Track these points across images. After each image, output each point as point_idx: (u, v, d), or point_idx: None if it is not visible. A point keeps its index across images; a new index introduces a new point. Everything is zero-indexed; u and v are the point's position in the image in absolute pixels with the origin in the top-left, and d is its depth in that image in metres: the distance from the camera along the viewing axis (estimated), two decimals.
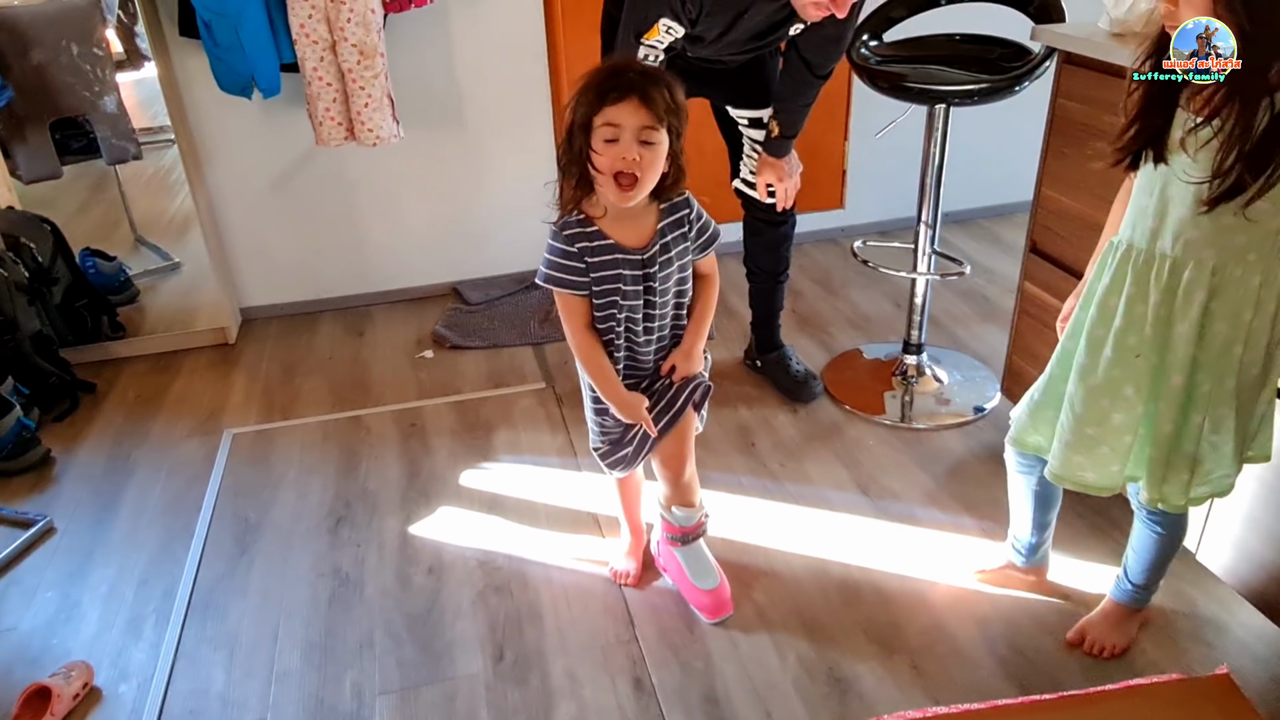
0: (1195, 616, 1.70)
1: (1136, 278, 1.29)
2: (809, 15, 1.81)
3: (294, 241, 2.99)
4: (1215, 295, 1.24)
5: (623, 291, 1.52)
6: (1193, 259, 1.23)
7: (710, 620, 1.74)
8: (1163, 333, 1.29)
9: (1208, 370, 1.28)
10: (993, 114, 2.67)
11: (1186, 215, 1.21)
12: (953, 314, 2.84)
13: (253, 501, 2.16)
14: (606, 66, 1.47)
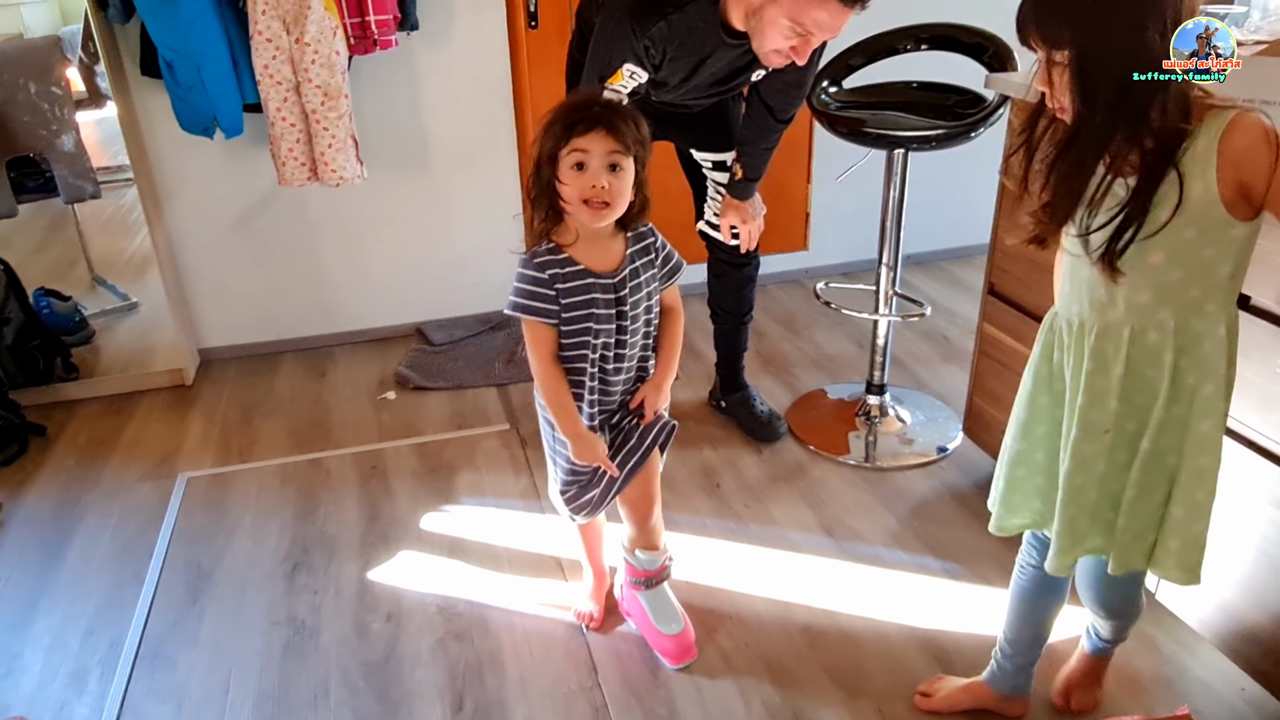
0: (1156, 655, 1.71)
1: (1094, 353, 1.22)
2: (771, 62, 1.81)
3: (255, 281, 2.96)
4: (1183, 353, 1.18)
5: (596, 317, 1.52)
6: (1151, 323, 1.18)
7: (674, 666, 1.72)
8: (1138, 403, 1.22)
9: (1188, 427, 1.20)
10: (952, 158, 2.73)
11: (1132, 280, 1.16)
12: (915, 354, 2.87)
13: (206, 547, 2.11)
14: (572, 100, 1.48)
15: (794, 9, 1.63)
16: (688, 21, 1.80)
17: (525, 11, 2.81)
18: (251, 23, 2.42)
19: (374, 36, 2.56)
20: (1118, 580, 1.34)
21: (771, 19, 1.67)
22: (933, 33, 2.33)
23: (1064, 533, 1.29)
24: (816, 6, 1.61)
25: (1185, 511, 1.23)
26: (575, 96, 1.50)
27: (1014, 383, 2.02)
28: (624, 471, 1.60)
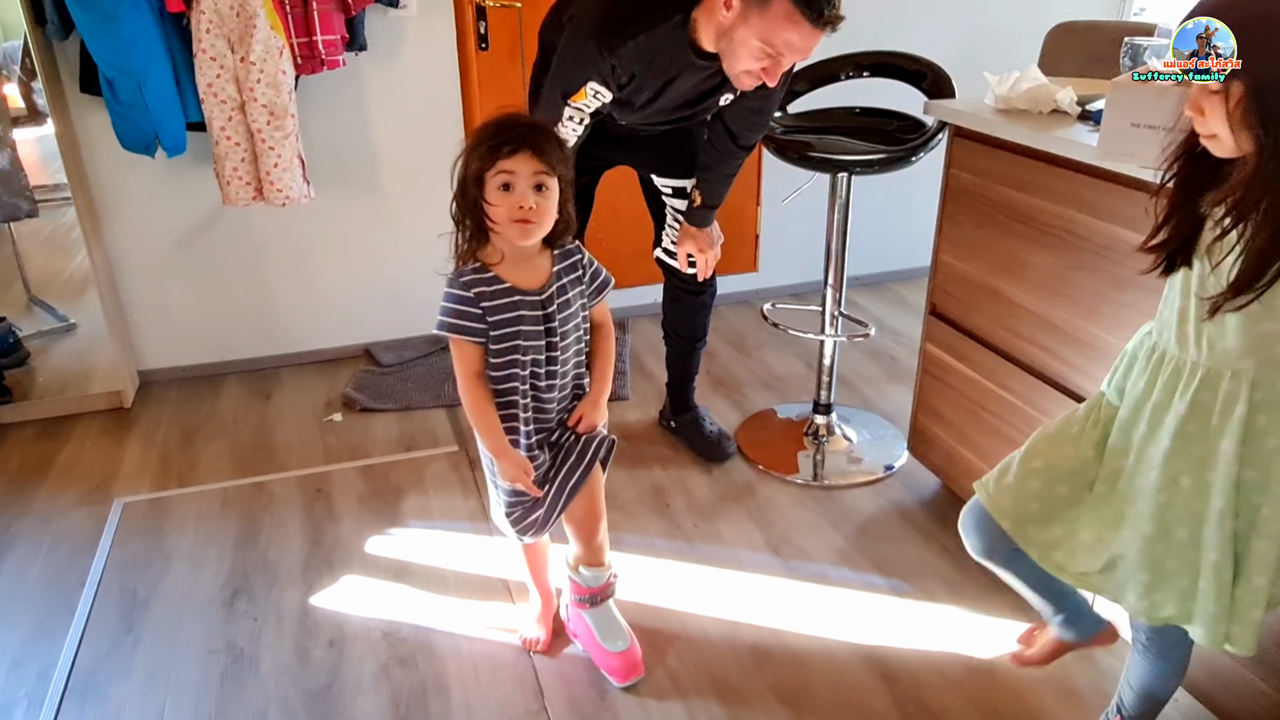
0: (1094, 669, 1.74)
1: (1165, 385, 1.19)
2: (742, 84, 1.79)
3: (198, 302, 2.90)
4: (1261, 410, 1.12)
5: (524, 333, 1.52)
6: (1229, 369, 1.13)
7: (620, 684, 1.71)
8: (1198, 451, 1.17)
9: (1265, 492, 1.15)
10: (896, 182, 2.79)
11: (1221, 323, 1.11)
12: (862, 374, 2.91)
13: (142, 575, 2.05)
14: (495, 121, 1.48)
15: (765, 30, 1.63)
16: (656, 42, 1.78)
17: (475, 34, 2.82)
18: (195, 41, 2.39)
19: (321, 56, 2.54)
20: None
21: (743, 40, 1.66)
22: (874, 60, 2.39)
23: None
24: (788, 28, 1.61)
25: (1245, 594, 1.18)
26: (498, 117, 1.49)
27: (957, 402, 2.07)
28: (567, 489, 1.60)
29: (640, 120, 2.06)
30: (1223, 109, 1.05)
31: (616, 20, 1.78)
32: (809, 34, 1.62)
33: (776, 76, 1.71)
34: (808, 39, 1.63)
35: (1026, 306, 1.82)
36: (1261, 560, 1.17)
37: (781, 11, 1.59)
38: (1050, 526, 1.31)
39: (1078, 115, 1.76)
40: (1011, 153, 1.80)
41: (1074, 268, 1.68)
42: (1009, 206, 1.83)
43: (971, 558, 2.05)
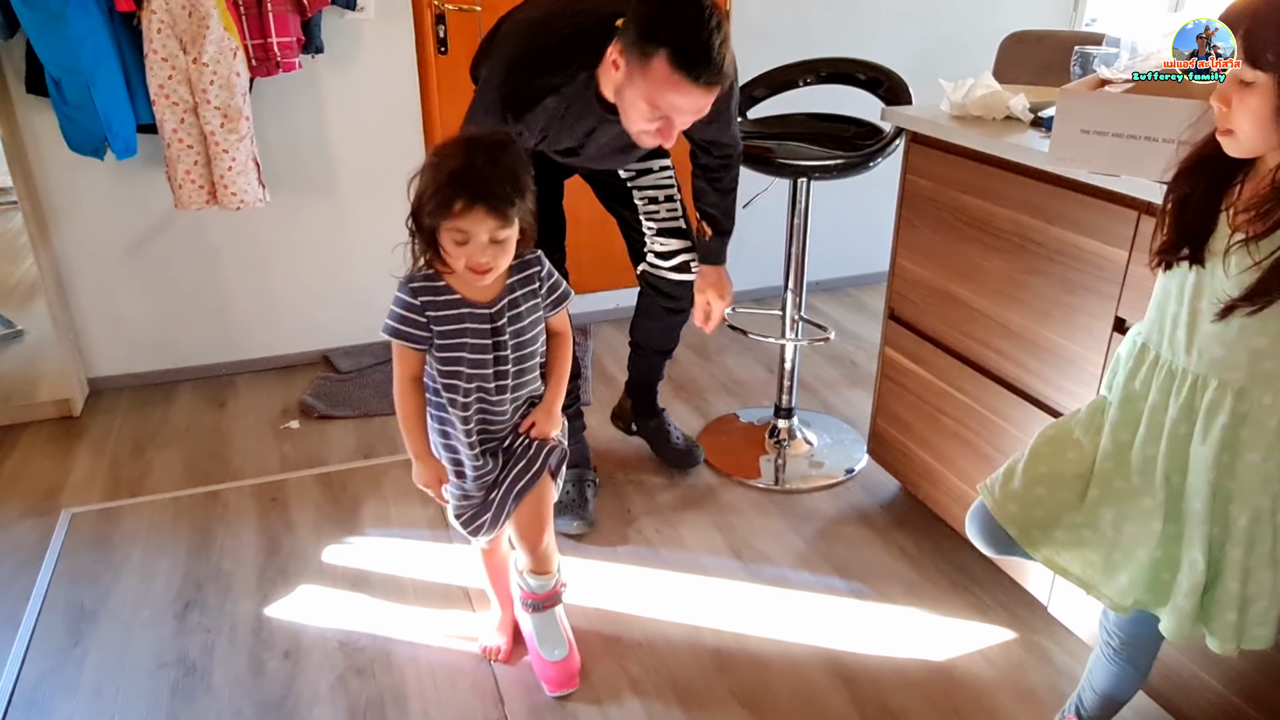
0: (1050, 668, 1.76)
1: (1160, 388, 1.20)
2: (643, 143, 1.71)
3: (150, 308, 2.84)
4: (1244, 423, 1.13)
5: (469, 346, 1.51)
6: (1216, 379, 1.13)
7: (552, 693, 1.70)
8: (1182, 452, 1.18)
9: (1243, 503, 1.16)
10: (854, 188, 2.81)
11: (1215, 331, 1.12)
12: (822, 379, 2.93)
13: (90, 587, 2.00)
14: (452, 159, 1.40)
15: (649, 92, 1.56)
16: (564, 101, 1.71)
17: (434, 38, 2.80)
18: (146, 41, 2.34)
19: (276, 59, 2.51)
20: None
21: (632, 101, 1.59)
22: (832, 67, 2.42)
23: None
24: (669, 89, 1.54)
25: (1222, 597, 1.19)
26: (456, 151, 1.41)
27: (915, 405, 2.09)
28: (513, 493, 1.60)
29: (579, 163, 1.97)
30: (1255, 103, 1.01)
31: (522, 84, 1.70)
32: (693, 94, 1.54)
33: (672, 136, 1.63)
34: (694, 99, 1.55)
35: (982, 310, 1.84)
36: (1234, 567, 1.19)
37: (661, 73, 1.51)
38: (1054, 530, 1.31)
39: (1030, 122, 1.79)
40: (966, 159, 1.82)
41: (1027, 272, 1.71)
42: (964, 212, 1.85)
43: (929, 559, 2.08)
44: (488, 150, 1.41)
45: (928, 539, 2.12)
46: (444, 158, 1.42)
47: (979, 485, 1.39)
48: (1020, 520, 1.32)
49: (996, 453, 1.84)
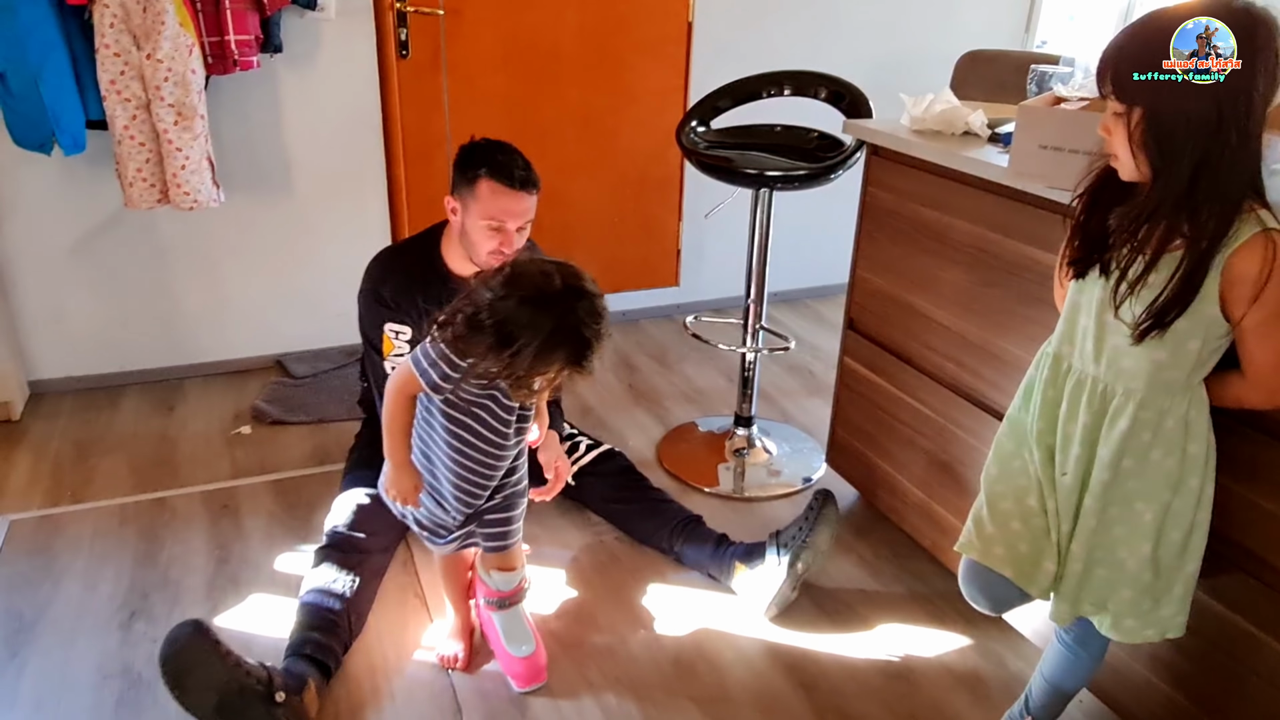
0: (1005, 672, 1.79)
1: (1070, 396, 1.28)
2: (492, 265, 1.85)
3: (95, 309, 2.76)
4: (1145, 427, 1.22)
5: (487, 424, 1.56)
6: (1122, 388, 1.23)
7: (521, 689, 1.70)
8: (1089, 454, 1.27)
9: (1149, 499, 1.25)
10: (815, 200, 2.85)
11: (1122, 344, 1.21)
12: (781, 388, 2.96)
13: (29, 596, 1.93)
14: (557, 317, 1.39)
15: (483, 209, 1.84)
16: (421, 274, 1.97)
17: (396, 40, 2.77)
18: (98, 35, 2.28)
19: (234, 57, 2.46)
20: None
21: (473, 226, 1.86)
22: (795, 80, 2.44)
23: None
24: (496, 199, 1.82)
25: (1133, 593, 1.28)
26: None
27: (873, 415, 2.12)
28: (488, 534, 1.68)
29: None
30: (1124, 131, 1.12)
31: (380, 267, 2.03)
32: (517, 198, 1.84)
33: (512, 244, 1.88)
34: (519, 202, 1.84)
35: (940, 321, 1.88)
36: (1143, 560, 1.28)
37: (487, 190, 1.82)
38: (1042, 561, 1.34)
39: (988, 138, 1.83)
40: (926, 172, 1.86)
41: (984, 284, 1.74)
42: (923, 224, 1.88)
43: (886, 567, 2.10)
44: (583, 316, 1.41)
45: (885, 547, 2.15)
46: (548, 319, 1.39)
47: (956, 547, 1.43)
48: (1012, 562, 1.35)
49: (954, 462, 1.87)
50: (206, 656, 1.49)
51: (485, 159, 1.84)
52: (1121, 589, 1.30)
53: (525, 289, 1.39)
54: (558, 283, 1.39)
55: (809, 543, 1.88)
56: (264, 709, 1.50)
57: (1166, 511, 1.25)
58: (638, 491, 2.16)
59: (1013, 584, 1.36)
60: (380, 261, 2.05)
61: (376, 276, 2.01)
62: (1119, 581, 1.30)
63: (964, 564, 1.44)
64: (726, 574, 1.97)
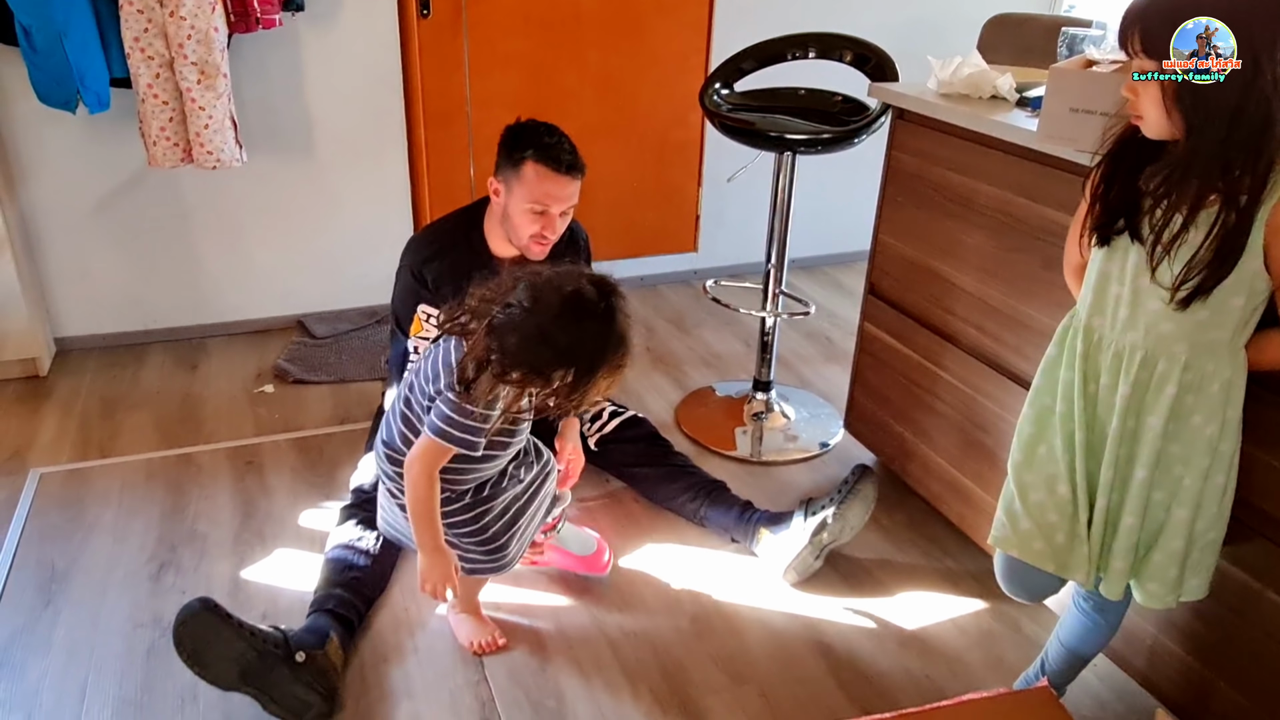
0: (1019, 635, 1.81)
1: (1109, 369, 1.26)
2: (533, 253, 1.92)
3: (120, 268, 2.79)
4: (1189, 391, 1.21)
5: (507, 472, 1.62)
6: (1164, 353, 1.20)
7: (601, 574, 1.90)
8: (1132, 424, 1.25)
9: (1187, 465, 1.24)
10: (836, 167, 2.83)
11: (1160, 309, 1.18)
12: (799, 354, 2.96)
13: (61, 547, 1.97)
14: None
15: (529, 192, 1.84)
16: (465, 261, 1.93)
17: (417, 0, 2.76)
18: None
19: (256, 15, 2.46)
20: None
21: (516, 209, 1.86)
22: (820, 42, 2.42)
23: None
24: (542, 183, 1.83)
25: (1163, 557, 1.28)
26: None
27: (893, 380, 2.12)
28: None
29: None
30: (1154, 89, 1.11)
31: (422, 246, 2.01)
32: (562, 182, 1.84)
33: (554, 229, 1.89)
34: (565, 186, 1.84)
35: (963, 287, 1.87)
36: (1179, 526, 1.26)
37: (533, 173, 1.82)
38: (1079, 547, 1.33)
39: (1016, 101, 1.81)
40: (952, 136, 1.84)
41: (1009, 249, 1.74)
42: (948, 189, 1.87)
43: (903, 532, 2.11)
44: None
45: (902, 511, 2.16)
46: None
47: (991, 540, 1.43)
48: (1053, 556, 1.34)
49: (976, 428, 1.88)
50: (220, 630, 1.49)
51: (532, 141, 1.83)
52: (1154, 553, 1.30)
53: (561, 307, 1.36)
54: (587, 289, 1.38)
55: (839, 514, 1.88)
56: (287, 670, 1.53)
57: (1205, 478, 1.25)
58: (661, 457, 2.17)
59: (1052, 575, 1.36)
60: (423, 242, 2.02)
61: (419, 257, 1.97)
62: (1153, 546, 1.30)
63: (1001, 558, 1.44)
64: (750, 538, 1.98)
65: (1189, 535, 1.27)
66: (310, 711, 1.53)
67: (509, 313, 1.38)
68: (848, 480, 1.93)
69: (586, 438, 2.18)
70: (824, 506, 1.91)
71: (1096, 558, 1.33)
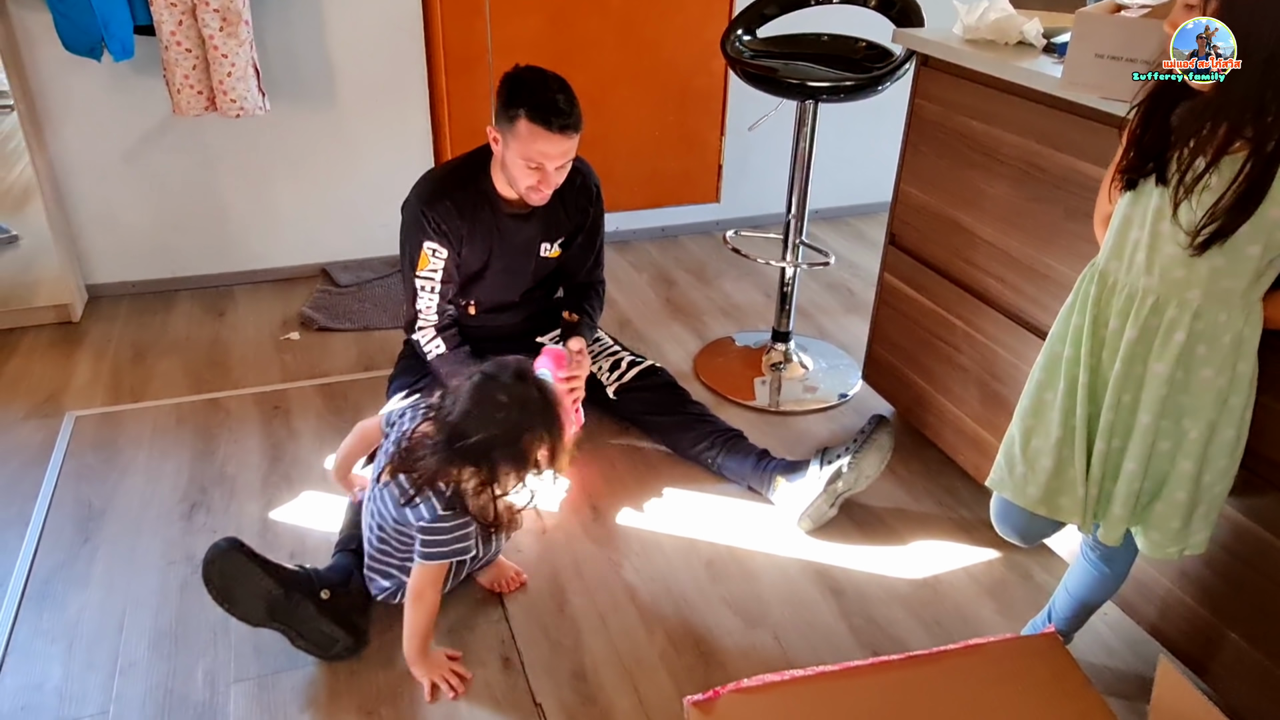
0: (1031, 585, 1.83)
1: (1119, 312, 1.26)
2: (532, 200, 1.96)
3: (148, 215, 2.83)
4: (1200, 340, 1.20)
5: None
6: (1176, 298, 1.20)
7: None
8: (1138, 371, 1.25)
9: (1195, 417, 1.24)
10: (859, 118, 2.80)
11: (1176, 253, 1.18)
12: (819, 305, 2.96)
13: (97, 487, 2.04)
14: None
15: (521, 148, 1.86)
16: (470, 202, 2.00)
17: None
18: None
19: None
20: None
21: (512, 161, 1.90)
22: None
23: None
24: (534, 140, 1.84)
25: (1165, 507, 1.29)
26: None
27: (912, 331, 2.12)
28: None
29: (491, 299, 2.17)
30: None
31: (430, 184, 2.04)
32: (555, 140, 1.84)
33: (550, 182, 1.92)
34: (556, 145, 1.85)
35: (984, 237, 1.86)
36: (1184, 478, 1.27)
37: (526, 130, 1.83)
38: (1075, 492, 1.35)
39: (1043, 48, 1.78)
40: (977, 83, 1.81)
41: (1031, 199, 1.72)
42: (971, 138, 1.85)
43: (918, 481, 2.13)
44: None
45: (918, 461, 2.17)
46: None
47: (988, 483, 1.45)
48: (1045, 500, 1.36)
49: (994, 380, 1.88)
50: (247, 568, 1.55)
51: (526, 97, 1.83)
52: (1156, 502, 1.31)
53: (494, 402, 1.43)
54: (504, 376, 1.46)
55: (854, 464, 1.90)
56: (313, 607, 1.58)
57: (1212, 431, 1.25)
58: (679, 406, 2.19)
59: (1046, 518, 1.38)
60: (429, 183, 2.05)
61: (424, 198, 2.01)
62: (1156, 496, 1.31)
63: (997, 500, 1.46)
64: (767, 486, 2.01)
65: (1194, 488, 1.28)
66: (336, 646, 1.59)
67: (467, 424, 1.43)
68: (864, 430, 1.95)
69: (605, 387, 2.20)
70: (840, 456, 1.92)
71: (1094, 503, 1.34)
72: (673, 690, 1.58)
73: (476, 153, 2.05)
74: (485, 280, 2.13)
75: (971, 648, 1.43)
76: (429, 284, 2.04)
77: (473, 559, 1.61)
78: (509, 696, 1.56)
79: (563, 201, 2.07)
